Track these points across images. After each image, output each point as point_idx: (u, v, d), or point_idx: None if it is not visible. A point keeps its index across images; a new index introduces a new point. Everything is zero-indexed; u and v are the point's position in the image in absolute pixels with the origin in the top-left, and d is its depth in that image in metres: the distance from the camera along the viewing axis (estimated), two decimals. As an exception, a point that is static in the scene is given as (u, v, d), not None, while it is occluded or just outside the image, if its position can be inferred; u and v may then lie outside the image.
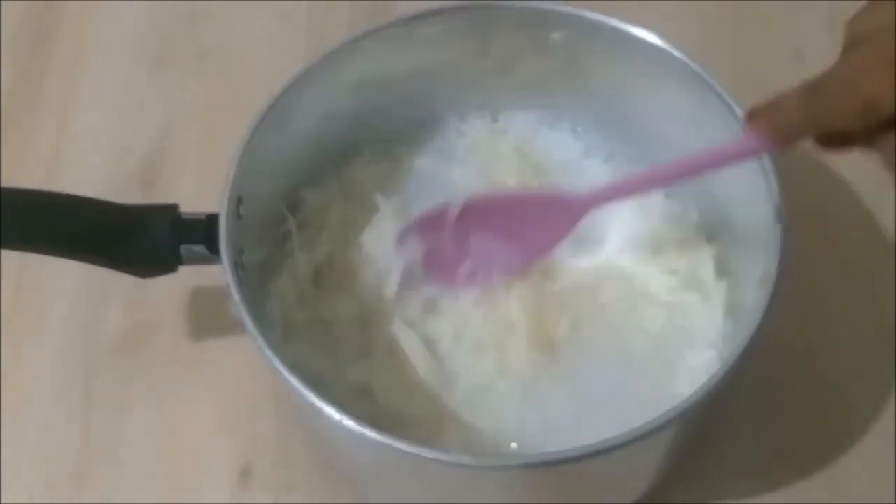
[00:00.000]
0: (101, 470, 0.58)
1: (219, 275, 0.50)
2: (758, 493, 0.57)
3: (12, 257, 0.60)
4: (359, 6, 0.72)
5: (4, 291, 0.62)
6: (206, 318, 0.62)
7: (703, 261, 0.57)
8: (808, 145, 0.46)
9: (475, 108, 0.62)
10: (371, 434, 0.46)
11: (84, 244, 0.51)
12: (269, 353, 0.48)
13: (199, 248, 0.52)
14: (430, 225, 0.56)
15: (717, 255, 0.57)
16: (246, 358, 0.58)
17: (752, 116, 0.47)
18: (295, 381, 0.47)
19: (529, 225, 0.55)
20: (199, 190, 0.52)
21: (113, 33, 0.72)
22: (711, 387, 0.47)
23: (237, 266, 0.51)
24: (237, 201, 0.52)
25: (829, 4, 0.71)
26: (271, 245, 0.57)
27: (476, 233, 0.56)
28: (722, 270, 0.57)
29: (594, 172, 0.61)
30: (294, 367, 0.48)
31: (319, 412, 0.47)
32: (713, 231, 0.58)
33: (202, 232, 0.52)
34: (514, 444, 0.53)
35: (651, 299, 0.57)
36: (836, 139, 0.45)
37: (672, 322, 0.56)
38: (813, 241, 0.60)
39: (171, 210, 0.52)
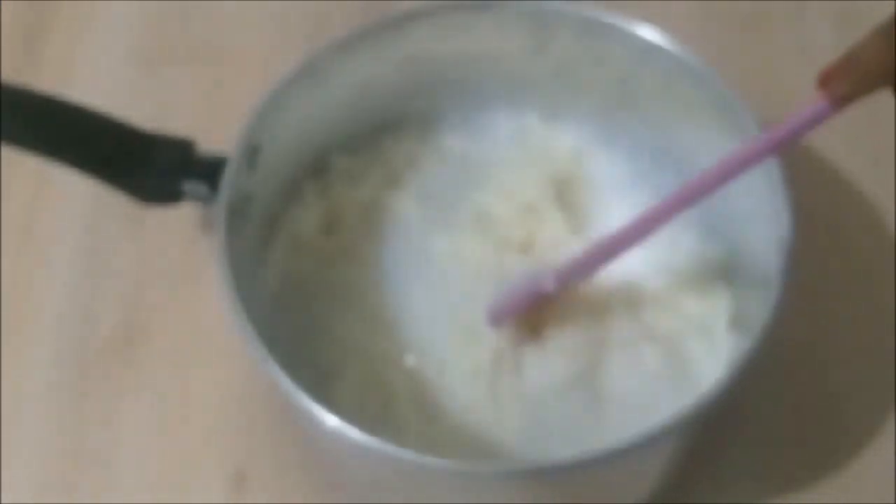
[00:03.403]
0: (92, 474, 0.57)
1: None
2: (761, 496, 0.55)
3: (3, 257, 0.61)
4: (357, 5, 0.68)
5: (-5, 292, 0.62)
6: (199, 321, 0.60)
7: (717, 307, 0.54)
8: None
9: (526, 105, 0.59)
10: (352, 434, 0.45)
11: (92, 156, 0.51)
12: (239, 313, 0.47)
13: (203, 187, 0.51)
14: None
15: (732, 303, 0.54)
16: (242, 359, 0.57)
17: (825, 79, 0.43)
18: (256, 342, 0.46)
19: None
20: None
21: (106, 31, 0.71)
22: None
23: (236, 211, 0.50)
24: (253, 149, 0.52)
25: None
26: (285, 203, 0.56)
27: None
28: (734, 321, 0.53)
29: (634, 200, 0.57)
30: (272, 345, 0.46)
31: (288, 395, 0.46)
32: (731, 273, 0.55)
33: (210, 171, 0.51)
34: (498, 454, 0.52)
35: (652, 338, 0.54)
36: None
37: (671, 367, 0.53)
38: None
39: (185, 143, 0.52)
